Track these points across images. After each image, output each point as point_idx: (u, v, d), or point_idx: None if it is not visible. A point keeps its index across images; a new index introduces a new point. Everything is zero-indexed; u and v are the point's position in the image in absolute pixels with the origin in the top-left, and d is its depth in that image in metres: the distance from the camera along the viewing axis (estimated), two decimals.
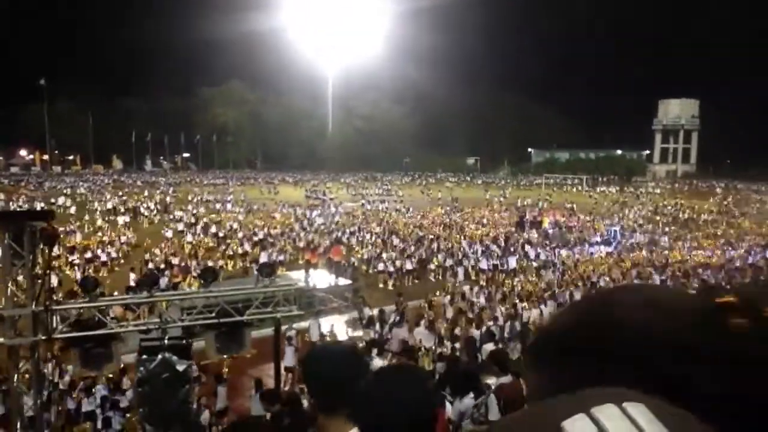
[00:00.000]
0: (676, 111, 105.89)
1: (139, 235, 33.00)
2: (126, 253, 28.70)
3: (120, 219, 37.85)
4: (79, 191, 52.66)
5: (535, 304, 18.83)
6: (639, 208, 52.26)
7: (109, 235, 31.90)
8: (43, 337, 8.35)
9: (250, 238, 31.17)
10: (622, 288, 0.59)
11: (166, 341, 8.77)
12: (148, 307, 10.95)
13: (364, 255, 28.31)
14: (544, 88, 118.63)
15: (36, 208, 32.15)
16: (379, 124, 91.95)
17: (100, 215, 39.28)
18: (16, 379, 8.43)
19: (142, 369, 8.65)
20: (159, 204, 45.20)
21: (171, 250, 28.12)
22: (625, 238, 36.44)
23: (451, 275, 25.60)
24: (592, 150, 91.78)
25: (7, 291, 8.08)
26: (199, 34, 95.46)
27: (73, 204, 43.28)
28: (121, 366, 11.20)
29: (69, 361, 11.27)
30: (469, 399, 7.42)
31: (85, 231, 33.02)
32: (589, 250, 32.02)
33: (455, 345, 15.21)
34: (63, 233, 27.27)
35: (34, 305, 8.12)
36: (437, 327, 16.51)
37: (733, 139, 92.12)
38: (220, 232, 33.46)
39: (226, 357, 10.53)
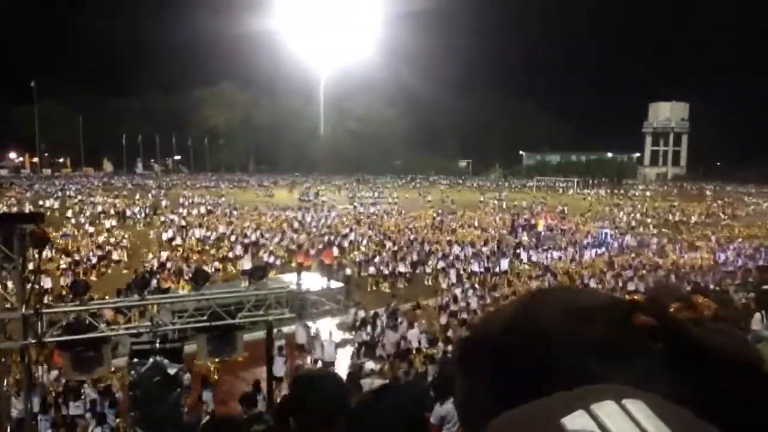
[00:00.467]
0: (666, 114, 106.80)
1: (129, 238, 32.72)
2: (111, 259, 28.25)
3: (107, 222, 37.53)
4: (68, 194, 52.20)
5: None
6: (629, 211, 52.54)
7: (96, 239, 31.59)
8: (33, 341, 8.29)
9: (242, 242, 31.01)
10: (544, 291, 0.61)
11: (158, 345, 8.73)
12: (140, 310, 10.89)
13: (357, 257, 28.27)
14: (536, 91, 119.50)
15: (25, 210, 31.83)
16: (371, 126, 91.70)
17: (87, 218, 38.86)
18: (6, 383, 8.36)
19: (133, 372, 8.61)
20: (149, 207, 44.85)
21: (161, 253, 27.91)
22: (616, 240, 36.65)
23: (443, 278, 25.62)
24: (583, 153, 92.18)
25: None
26: (190, 36, 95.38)
27: (61, 207, 42.85)
28: (112, 369, 11.12)
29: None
30: (450, 403, 7.10)
31: (73, 234, 32.71)
32: (580, 253, 32.16)
33: (448, 347, 15.22)
34: (51, 236, 26.96)
35: (24, 308, 8.05)
36: (430, 329, 16.52)
37: (723, 141, 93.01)
38: (211, 236, 33.27)
39: (217, 360, 10.49)
